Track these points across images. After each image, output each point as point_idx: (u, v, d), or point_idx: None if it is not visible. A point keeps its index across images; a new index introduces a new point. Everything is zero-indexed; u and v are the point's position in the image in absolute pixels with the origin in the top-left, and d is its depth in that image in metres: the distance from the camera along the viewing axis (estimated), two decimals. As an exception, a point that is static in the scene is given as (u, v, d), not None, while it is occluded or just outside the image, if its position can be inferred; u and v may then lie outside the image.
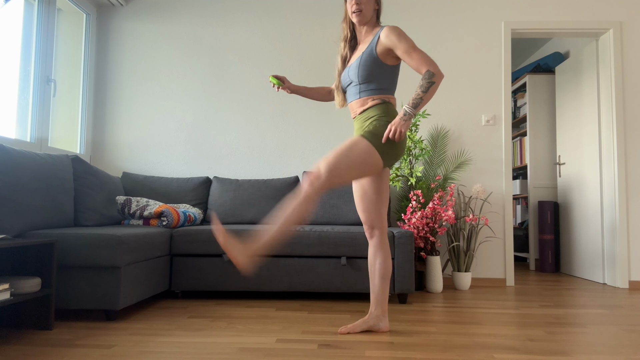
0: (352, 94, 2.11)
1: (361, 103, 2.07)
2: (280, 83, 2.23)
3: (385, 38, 1.97)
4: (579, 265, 4.08)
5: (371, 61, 2.01)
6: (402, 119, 1.88)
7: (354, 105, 2.11)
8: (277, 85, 2.23)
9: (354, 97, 2.09)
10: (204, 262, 2.82)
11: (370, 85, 2.04)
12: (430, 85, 1.87)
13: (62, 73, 3.52)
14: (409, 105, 1.89)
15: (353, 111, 2.13)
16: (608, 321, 2.39)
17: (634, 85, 3.62)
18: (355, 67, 2.05)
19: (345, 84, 2.14)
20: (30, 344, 1.87)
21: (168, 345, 1.87)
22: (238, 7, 3.78)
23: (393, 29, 1.97)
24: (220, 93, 3.74)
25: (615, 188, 3.59)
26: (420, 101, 1.88)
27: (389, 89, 2.06)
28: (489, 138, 3.64)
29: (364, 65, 2.02)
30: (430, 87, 1.88)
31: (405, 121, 1.87)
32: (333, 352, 1.80)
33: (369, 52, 2.02)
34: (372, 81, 2.03)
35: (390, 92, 2.07)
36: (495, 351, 1.84)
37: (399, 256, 2.77)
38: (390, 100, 2.06)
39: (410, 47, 1.93)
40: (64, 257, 2.22)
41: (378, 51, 2.00)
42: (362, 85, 2.05)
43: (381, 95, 2.04)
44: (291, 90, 2.29)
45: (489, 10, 3.70)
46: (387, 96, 2.05)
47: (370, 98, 2.04)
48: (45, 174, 2.45)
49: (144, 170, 3.70)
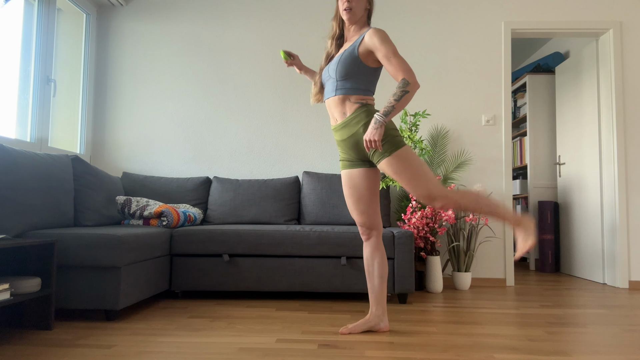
0: (329, 91, 2.09)
1: (339, 101, 2.04)
2: (289, 59, 2.29)
3: (369, 39, 1.97)
4: (579, 265, 4.08)
5: (351, 59, 2.00)
6: (374, 127, 1.85)
7: (330, 102, 2.08)
8: (287, 61, 2.30)
9: (330, 94, 2.07)
10: (204, 262, 2.82)
11: (347, 83, 2.02)
12: (403, 94, 1.85)
13: (62, 73, 3.52)
14: (380, 113, 1.86)
15: (330, 109, 2.09)
16: (608, 321, 2.39)
17: (634, 85, 3.62)
18: (335, 64, 2.05)
19: (324, 80, 2.14)
20: (30, 344, 1.87)
21: (168, 345, 1.87)
22: (238, 7, 3.78)
23: (378, 31, 1.96)
24: (220, 93, 3.74)
25: (615, 188, 3.59)
26: (392, 109, 1.85)
27: (367, 90, 2.04)
28: (489, 138, 3.64)
29: (343, 62, 2.01)
30: (403, 96, 1.85)
31: (376, 129, 1.85)
32: (333, 352, 1.80)
33: (350, 51, 2.01)
34: (349, 79, 2.02)
35: (368, 93, 2.05)
36: (495, 351, 1.84)
37: (399, 256, 2.77)
38: (369, 101, 2.04)
39: (391, 52, 1.92)
40: (64, 257, 2.22)
41: (360, 51, 1.99)
42: (339, 82, 2.03)
43: (359, 95, 2.02)
44: (299, 69, 2.34)
45: (489, 10, 3.70)
46: (364, 97, 2.03)
47: (347, 98, 2.02)
48: (45, 174, 2.45)
49: (144, 170, 3.70)
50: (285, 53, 2.28)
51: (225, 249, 2.81)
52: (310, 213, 3.33)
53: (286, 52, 2.28)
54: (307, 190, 3.39)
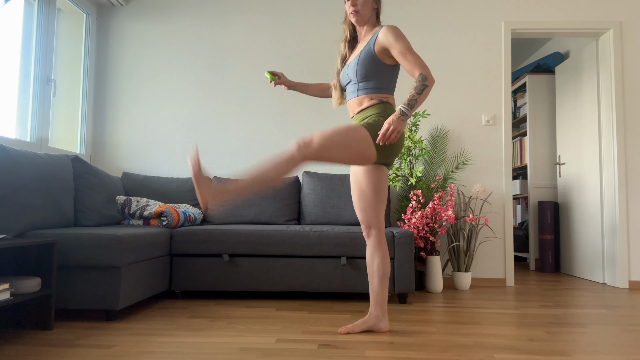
0: (350, 92, 2.11)
1: (359, 102, 2.07)
2: (275, 78, 2.26)
3: (383, 37, 1.98)
4: (579, 265, 4.08)
5: (369, 59, 2.01)
6: (400, 118, 1.85)
7: (352, 103, 2.11)
8: (272, 81, 2.26)
9: (352, 96, 2.10)
10: (204, 262, 2.82)
11: (368, 83, 2.04)
12: (424, 87, 1.86)
13: (62, 73, 3.52)
14: (404, 105, 1.86)
15: (351, 110, 2.14)
16: (608, 321, 2.39)
17: (634, 85, 3.62)
18: (353, 66, 2.06)
19: (344, 83, 2.15)
20: (30, 344, 1.87)
21: (168, 345, 1.87)
22: (238, 7, 3.78)
23: (391, 28, 1.98)
24: (220, 93, 3.74)
25: (615, 188, 3.59)
26: (415, 102, 1.86)
27: (388, 89, 2.06)
28: (489, 138, 3.64)
29: (362, 63, 2.03)
30: (424, 90, 1.86)
31: (402, 121, 1.85)
32: (333, 352, 1.80)
33: (367, 51, 2.02)
34: (371, 79, 2.03)
35: (389, 91, 2.07)
36: (495, 351, 1.84)
37: (399, 256, 2.77)
38: (388, 100, 2.06)
39: (406, 48, 1.93)
40: (64, 257, 2.22)
41: (376, 50, 2.00)
42: (361, 83, 2.05)
43: (379, 94, 2.04)
44: (288, 86, 2.31)
45: (489, 10, 3.70)
46: (385, 96, 2.05)
47: (368, 97, 2.04)
48: (45, 174, 2.45)
49: (144, 170, 3.70)
50: (270, 74, 2.25)
51: (225, 249, 2.81)
52: (310, 213, 3.33)
53: (271, 73, 2.26)
54: (307, 190, 3.39)
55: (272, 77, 2.25)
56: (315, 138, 1.86)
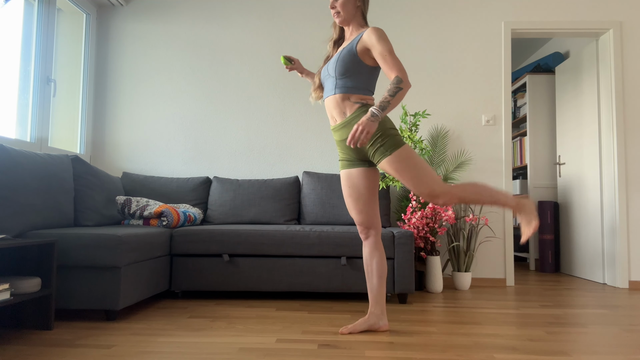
0: (328, 90, 2.09)
1: (336, 102, 2.04)
2: (289, 63, 2.31)
3: (367, 37, 1.98)
4: (579, 265, 4.08)
5: (350, 57, 2.01)
6: (370, 119, 1.82)
7: (329, 103, 2.08)
8: (287, 66, 2.32)
9: (329, 93, 2.07)
10: (204, 262, 2.82)
11: (347, 81, 2.02)
12: (398, 90, 1.85)
13: (62, 73, 3.52)
14: (376, 107, 1.84)
15: (330, 115, 2.09)
16: (608, 321, 2.39)
17: (634, 85, 3.62)
18: (334, 62, 2.06)
19: (323, 79, 2.15)
20: (30, 344, 1.87)
21: (168, 345, 1.87)
22: (238, 7, 3.78)
23: (376, 30, 1.97)
24: (220, 93, 3.74)
25: (615, 188, 3.59)
26: (388, 104, 1.84)
27: (366, 89, 2.04)
28: (489, 138, 3.64)
29: (342, 60, 2.02)
30: (397, 92, 1.85)
31: (372, 122, 1.82)
32: (333, 352, 1.80)
33: (349, 49, 2.03)
34: (349, 77, 2.02)
35: (368, 92, 2.05)
36: (495, 351, 1.84)
37: (399, 256, 2.77)
38: (369, 102, 2.04)
39: (387, 50, 1.92)
40: (64, 257, 2.22)
41: (358, 49, 2.00)
42: (339, 80, 2.04)
43: (359, 95, 2.02)
44: (301, 73, 2.36)
45: (489, 10, 3.70)
46: (365, 97, 2.03)
47: (347, 97, 2.02)
48: (45, 174, 2.45)
49: (144, 170, 3.70)
50: (285, 58, 2.29)
51: (225, 249, 2.81)
52: (310, 213, 3.33)
53: (286, 57, 2.30)
54: (307, 190, 3.39)
55: (287, 62, 2.30)
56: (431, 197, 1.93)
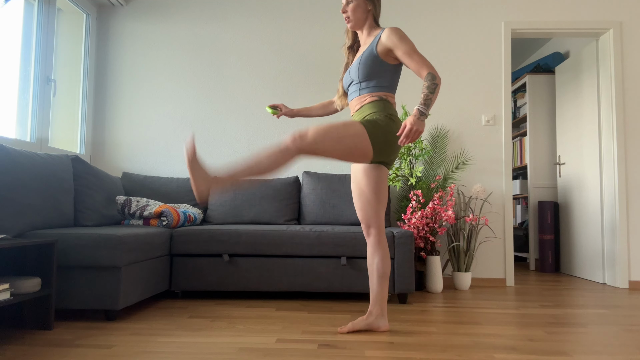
0: (352, 93, 2.14)
1: (360, 100, 2.09)
2: (277, 112, 2.32)
3: (387, 39, 2.00)
4: (579, 265, 4.08)
5: (371, 59, 2.03)
6: (419, 118, 1.85)
7: (353, 102, 2.13)
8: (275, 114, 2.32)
9: (354, 95, 2.12)
10: (204, 262, 2.82)
11: (370, 82, 2.06)
12: (435, 86, 1.88)
13: (62, 73, 3.52)
14: (422, 104, 1.86)
15: (352, 109, 2.15)
16: (608, 321, 2.39)
17: (634, 85, 3.62)
18: (356, 66, 2.08)
19: (346, 85, 2.17)
20: (30, 344, 1.87)
21: (168, 345, 1.87)
22: (238, 7, 3.78)
23: (395, 30, 2.00)
24: (220, 93, 3.74)
25: (615, 188, 3.59)
26: (430, 101, 1.88)
27: (389, 87, 2.08)
28: (489, 138, 3.64)
29: (364, 63, 2.05)
30: (435, 88, 1.88)
31: (421, 120, 1.86)
32: (333, 352, 1.80)
33: (369, 51, 2.05)
34: (372, 79, 2.05)
35: (391, 90, 2.08)
36: (495, 351, 1.84)
37: (399, 256, 2.77)
38: (388, 98, 2.07)
39: (411, 49, 1.96)
40: (64, 257, 2.22)
41: (378, 50, 2.02)
42: (363, 83, 2.07)
43: (380, 92, 2.06)
44: (291, 116, 2.37)
45: (489, 10, 3.70)
46: (385, 94, 2.06)
47: (369, 95, 2.06)
48: (45, 174, 2.45)
49: (144, 170, 3.70)
50: (271, 108, 2.30)
51: (225, 249, 2.81)
52: (310, 213, 3.33)
53: (272, 107, 2.30)
54: (307, 190, 3.39)
55: (273, 111, 2.31)
56: (310, 131, 1.88)
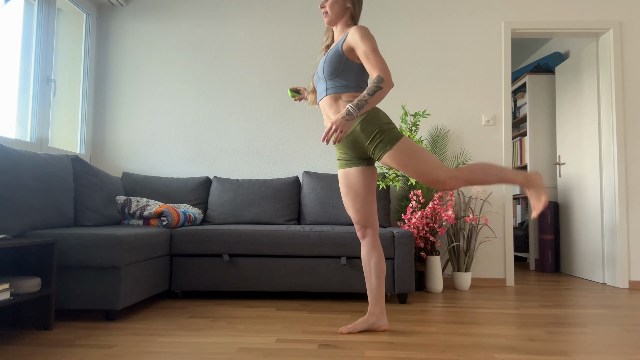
0: (320, 92, 2.10)
1: (329, 103, 2.05)
2: (296, 95, 2.29)
3: (351, 36, 1.98)
4: (579, 265, 4.08)
5: (337, 57, 2.01)
6: (345, 118, 1.82)
7: (323, 104, 2.09)
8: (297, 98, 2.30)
9: (322, 95, 2.09)
10: (204, 262, 2.82)
11: (336, 81, 2.03)
12: (377, 89, 1.85)
13: (62, 73, 3.52)
14: (352, 105, 1.83)
15: (326, 115, 2.10)
16: (608, 321, 2.39)
17: (634, 85, 3.62)
18: (322, 63, 2.07)
19: (315, 82, 2.16)
20: (30, 344, 1.87)
21: (168, 345, 1.87)
22: (238, 7, 3.78)
23: (360, 28, 1.97)
24: (220, 93, 3.74)
25: (615, 188, 3.59)
26: (365, 103, 1.84)
27: (357, 86, 2.04)
28: (489, 138, 3.64)
29: (329, 60, 2.03)
30: (377, 92, 1.85)
31: (347, 121, 1.82)
32: (333, 352, 1.80)
33: (335, 49, 2.03)
34: (338, 77, 2.03)
35: (359, 89, 2.04)
36: (495, 351, 1.84)
37: (399, 256, 2.77)
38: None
39: (370, 49, 1.92)
40: (64, 257, 2.22)
41: (344, 48, 2.01)
42: (329, 81, 2.05)
43: (351, 93, 2.02)
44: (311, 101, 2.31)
45: (489, 10, 3.70)
46: (356, 95, 2.03)
47: (339, 97, 2.02)
48: (45, 174, 2.45)
49: (144, 170, 3.70)
50: (292, 91, 2.28)
51: (225, 249, 2.81)
52: (310, 213, 3.33)
53: (293, 90, 2.28)
54: (307, 190, 3.39)
55: (293, 94, 2.28)
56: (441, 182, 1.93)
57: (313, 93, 2.24)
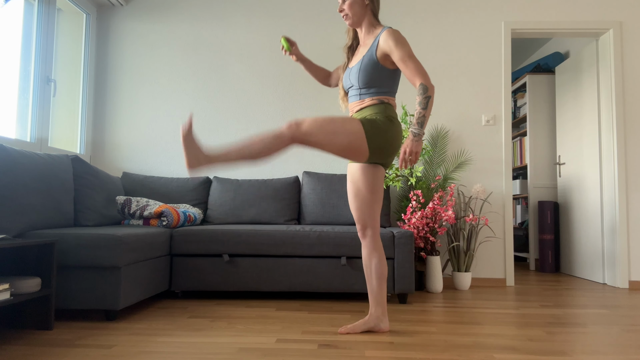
0: (352, 96, 2.12)
1: (360, 103, 2.08)
2: (289, 47, 2.25)
3: (384, 42, 1.97)
4: (579, 265, 4.08)
5: (371, 66, 2.01)
6: (413, 140, 1.88)
7: (353, 105, 2.12)
8: (286, 50, 2.25)
9: (354, 99, 2.10)
10: (204, 262, 2.82)
11: (370, 89, 2.04)
12: (427, 100, 1.87)
13: (62, 73, 3.52)
14: (415, 126, 1.88)
15: (351, 110, 2.14)
16: (608, 321, 2.39)
17: (634, 85, 3.62)
18: (356, 72, 2.05)
19: (346, 87, 2.15)
20: (30, 344, 1.87)
21: (168, 345, 1.87)
22: (238, 7, 3.78)
23: (392, 33, 1.96)
24: (221, 93, 3.74)
25: (615, 188, 3.59)
26: (424, 118, 1.88)
27: (389, 92, 2.07)
28: (489, 138, 3.64)
29: (364, 70, 2.02)
30: (428, 102, 1.87)
31: (416, 142, 1.88)
32: (333, 352, 1.80)
33: (369, 57, 2.02)
34: (373, 86, 2.04)
35: (391, 94, 2.07)
36: (495, 351, 1.84)
37: (399, 256, 2.77)
38: (389, 101, 2.05)
39: (407, 55, 1.92)
40: (64, 257, 2.22)
41: (378, 56, 2.00)
42: (363, 89, 2.05)
43: (381, 96, 2.05)
44: (297, 58, 2.30)
45: (489, 10, 3.70)
46: (386, 97, 2.05)
47: (370, 99, 2.05)
48: (45, 174, 2.45)
49: (144, 170, 3.70)
50: (286, 40, 2.22)
51: (225, 249, 2.81)
52: (310, 213, 3.33)
53: (287, 40, 2.23)
54: (307, 190, 3.39)
55: (287, 45, 2.23)
56: (307, 120, 1.89)
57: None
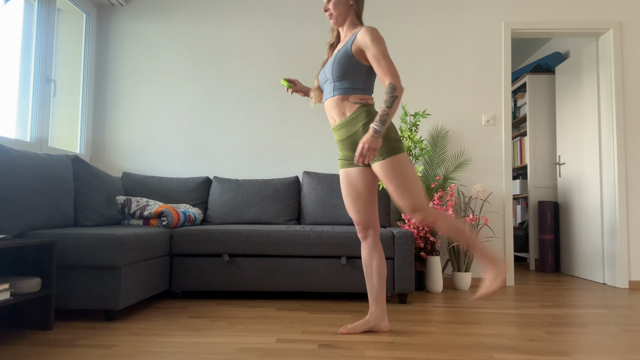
0: (327, 92, 2.09)
1: (336, 103, 2.04)
2: (291, 85, 2.26)
3: (361, 38, 1.96)
4: (579, 265, 4.08)
5: (345, 58, 2.00)
6: (373, 136, 1.82)
7: (328, 105, 2.08)
8: (289, 88, 2.26)
9: (328, 95, 2.07)
10: (204, 262, 2.82)
11: (344, 83, 2.02)
12: (394, 99, 1.85)
13: (62, 73, 3.52)
14: (377, 122, 1.83)
15: (330, 115, 2.10)
16: (608, 321, 2.39)
17: (634, 85, 3.62)
18: (330, 64, 2.05)
19: (322, 82, 2.14)
20: (30, 344, 1.87)
21: (168, 345, 1.87)
22: (238, 7, 3.78)
23: (369, 30, 1.96)
24: (220, 93, 3.74)
25: (615, 188, 3.59)
26: (387, 117, 1.84)
27: (365, 89, 2.04)
28: (489, 138, 3.64)
29: (338, 62, 2.01)
30: (394, 102, 1.85)
31: (376, 139, 1.83)
32: (333, 352, 1.80)
33: (344, 50, 2.01)
34: (346, 79, 2.01)
35: (366, 92, 2.04)
36: (495, 351, 1.84)
37: (399, 256, 2.77)
38: (368, 101, 2.03)
39: (381, 53, 1.91)
40: (64, 257, 2.22)
41: (353, 50, 1.99)
42: (336, 82, 2.03)
43: (357, 95, 2.02)
44: (304, 93, 2.31)
45: (489, 10, 3.70)
46: (363, 97, 2.02)
47: (346, 98, 2.02)
48: (45, 174, 2.45)
49: (144, 170, 3.70)
50: (286, 81, 2.25)
51: (225, 249, 2.81)
52: (310, 213, 3.33)
53: (287, 80, 2.25)
54: (307, 190, 3.39)
55: (288, 85, 2.25)
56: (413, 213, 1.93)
57: (317, 91, 2.19)
